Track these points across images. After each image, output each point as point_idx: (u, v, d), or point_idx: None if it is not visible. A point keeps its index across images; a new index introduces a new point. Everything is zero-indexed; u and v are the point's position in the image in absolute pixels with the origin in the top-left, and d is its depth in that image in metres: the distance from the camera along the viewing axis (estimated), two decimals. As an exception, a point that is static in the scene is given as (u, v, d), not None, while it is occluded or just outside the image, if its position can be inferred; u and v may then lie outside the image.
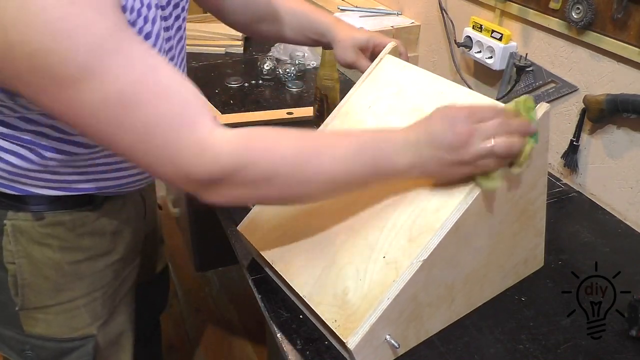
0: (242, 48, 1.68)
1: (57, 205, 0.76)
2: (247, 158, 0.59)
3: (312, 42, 1.00)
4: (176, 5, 0.74)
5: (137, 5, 0.61)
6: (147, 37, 0.64)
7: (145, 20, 0.63)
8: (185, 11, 0.78)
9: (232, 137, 0.59)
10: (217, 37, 1.67)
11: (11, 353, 0.85)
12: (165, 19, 0.71)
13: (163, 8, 0.70)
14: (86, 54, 0.51)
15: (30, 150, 0.69)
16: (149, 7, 0.63)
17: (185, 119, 0.57)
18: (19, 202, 0.74)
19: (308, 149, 0.63)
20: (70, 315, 0.82)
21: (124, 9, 0.58)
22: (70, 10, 0.50)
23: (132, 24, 0.60)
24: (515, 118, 0.66)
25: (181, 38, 0.79)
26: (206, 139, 0.57)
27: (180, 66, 0.80)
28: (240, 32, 1.11)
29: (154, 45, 0.65)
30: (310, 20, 0.97)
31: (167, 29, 0.72)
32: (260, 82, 1.49)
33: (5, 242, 0.76)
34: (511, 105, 0.68)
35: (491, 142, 0.62)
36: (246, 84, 1.48)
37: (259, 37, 1.12)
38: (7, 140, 0.68)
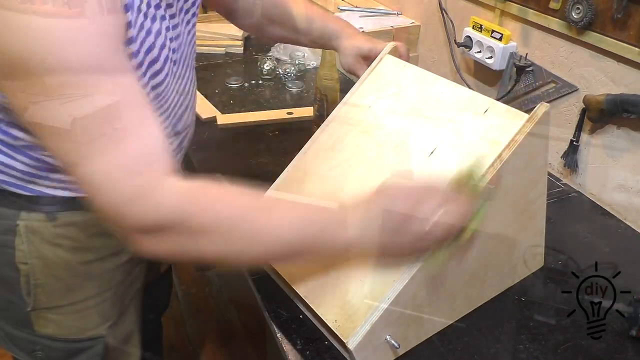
0: (242, 48, 1.68)
1: (69, 206, 0.75)
2: (189, 209, 0.57)
3: (319, 46, 1.03)
4: (187, 12, 0.75)
5: (136, 2, 0.61)
6: (149, 33, 0.64)
7: (145, 17, 0.63)
8: (195, 16, 0.79)
9: (180, 189, 0.58)
10: (217, 37, 1.67)
11: (21, 353, 0.85)
12: (172, 17, 0.71)
13: (170, 6, 0.70)
14: (79, 67, 0.51)
15: (51, 155, 0.69)
16: (148, 5, 0.64)
17: (140, 162, 0.56)
18: (32, 202, 0.74)
19: (254, 209, 0.62)
20: (80, 316, 0.83)
21: (127, 7, 0.59)
22: (73, 22, 0.50)
23: (134, 22, 0.61)
24: (457, 194, 0.63)
25: (191, 40, 0.80)
26: (153, 186, 0.56)
27: (188, 68, 0.80)
28: (249, 33, 1.11)
29: (156, 40, 0.66)
30: (318, 25, 0.98)
31: (174, 27, 0.72)
32: (260, 82, 1.49)
33: (18, 242, 0.75)
34: (457, 175, 0.65)
35: (427, 226, 0.60)
36: (246, 84, 1.47)
37: (267, 39, 1.13)
38: (23, 143, 0.68)
